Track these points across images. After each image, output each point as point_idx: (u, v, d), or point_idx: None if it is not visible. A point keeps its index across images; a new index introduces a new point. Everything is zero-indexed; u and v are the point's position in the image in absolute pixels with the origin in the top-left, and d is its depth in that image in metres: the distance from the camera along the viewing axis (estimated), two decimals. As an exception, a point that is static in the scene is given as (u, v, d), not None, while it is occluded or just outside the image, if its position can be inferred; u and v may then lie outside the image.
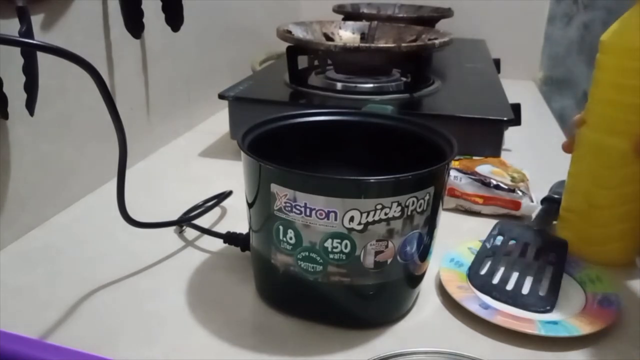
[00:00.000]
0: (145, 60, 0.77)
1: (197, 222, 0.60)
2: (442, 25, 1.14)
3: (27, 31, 0.53)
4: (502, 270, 0.53)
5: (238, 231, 0.56)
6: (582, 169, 0.56)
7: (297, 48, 0.84)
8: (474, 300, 0.49)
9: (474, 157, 0.71)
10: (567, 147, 0.58)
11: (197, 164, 0.80)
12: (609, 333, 0.46)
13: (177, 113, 0.88)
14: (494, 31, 1.28)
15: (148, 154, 0.81)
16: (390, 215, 0.42)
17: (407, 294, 0.48)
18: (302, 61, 0.89)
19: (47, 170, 0.62)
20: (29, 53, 0.52)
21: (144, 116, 0.79)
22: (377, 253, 0.43)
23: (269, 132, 0.52)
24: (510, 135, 0.80)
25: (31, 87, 0.54)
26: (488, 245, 0.56)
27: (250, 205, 0.47)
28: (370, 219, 0.41)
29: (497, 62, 1.11)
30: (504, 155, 0.74)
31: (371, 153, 0.54)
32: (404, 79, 0.86)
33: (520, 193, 0.64)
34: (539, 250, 0.55)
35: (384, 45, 0.89)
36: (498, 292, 0.50)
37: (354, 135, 0.55)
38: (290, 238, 0.43)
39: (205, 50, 0.94)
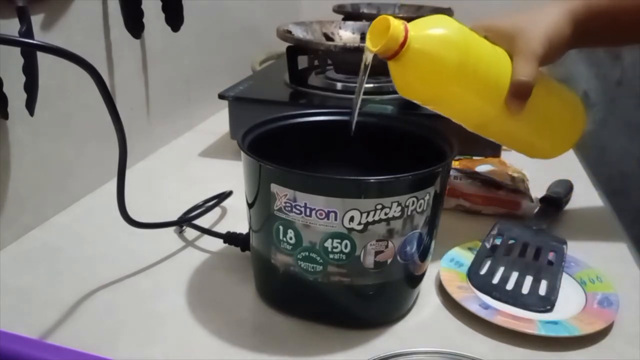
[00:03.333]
0: (145, 60, 0.77)
1: (197, 222, 0.60)
2: (442, 25, 1.14)
3: (27, 31, 0.53)
4: (501, 270, 0.53)
5: (238, 231, 0.56)
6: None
7: (297, 48, 0.84)
8: (474, 300, 0.49)
9: (474, 157, 0.71)
10: None
11: (197, 164, 0.80)
12: (609, 333, 0.46)
13: (177, 113, 0.88)
14: (493, 31, 1.28)
15: (148, 154, 0.81)
16: (390, 215, 0.42)
17: (407, 294, 0.48)
18: (302, 61, 0.89)
19: (47, 170, 0.61)
20: (29, 53, 0.52)
21: (144, 116, 0.79)
22: (377, 253, 0.43)
23: (269, 132, 0.52)
24: (510, 135, 0.80)
25: (31, 87, 0.54)
26: (488, 245, 0.56)
27: (250, 205, 0.47)
28: (370, 219, 0.41)
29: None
30: (504, 155, 0.74)
31: (371, 153, 0.54)
32: (404, 79, 0.86)
33: (520, 193, 0.64)
34: (538, 249, 0.55)
35: (384, 45, 0.89)
36: (498, 292, 0.50)
37: (354, 135, 0.55)
38: (290, 238, 0.43)
39: (205, 50, 0.94)
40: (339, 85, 0.83)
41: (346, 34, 0.95)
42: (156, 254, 0.57)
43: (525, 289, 0.51)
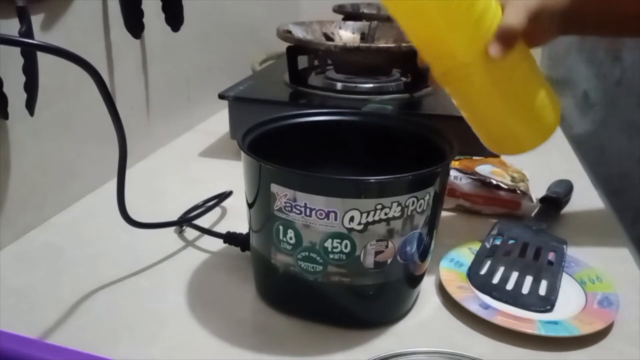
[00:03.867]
0: (145, 60, 0.77)
1: (197, 222, 0.60)
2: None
3: (27, 31, 0.53)
4: (501, 270, 0.53)
5: (238, 231, 0.56)
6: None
7: (297, 48, 0.84)
8: (474, 300, 0.49)
9: (474, 157, 0.71)
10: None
11: (197, 164, 0.80)
12: (609, 333, 0.46)
13: (177, 113, 0.88)
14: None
15: (148, 154, 0.81)
16: (390, 215, 0.42)
17: (407, 294, 0.48)
18: (302, 61, 0.89)
19: (47, 170, 0.61)
20: (29, 53, 0.52)
21: (144, 116, 0.79)
22: (377, 253, 0.43)
23: (269, 132, 0.52)
24: (510, 135, 0.80)
25: (31, 87, 0.54)
26: (488, 245, 0.56)
27: (250, 205, 0.47)
28: (370, 219, 0.41)
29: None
30: (504, 156, 0.74)
31: (371, 153, 0.54)
32: (404, 79, 0.86)
33: (520, 193, 0.64)
34: (538, 249, 0.56)
35: (384, 45, 0.89)
36: (498, 292, 0.50)
37: (354, 135, 0.55)
38: (290, 238, 0.43)
39: (205, 50, 0.94)
40: (339, 85, 0.83)
41: (346, 34, 0.95)
42: (156, 254, 0.57)
43: (525, 289, 0.51)
